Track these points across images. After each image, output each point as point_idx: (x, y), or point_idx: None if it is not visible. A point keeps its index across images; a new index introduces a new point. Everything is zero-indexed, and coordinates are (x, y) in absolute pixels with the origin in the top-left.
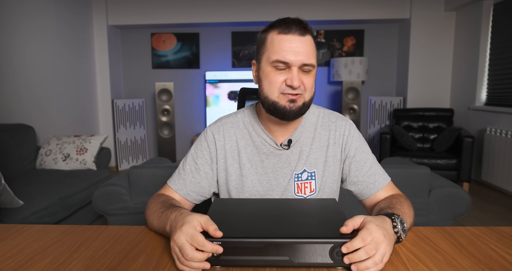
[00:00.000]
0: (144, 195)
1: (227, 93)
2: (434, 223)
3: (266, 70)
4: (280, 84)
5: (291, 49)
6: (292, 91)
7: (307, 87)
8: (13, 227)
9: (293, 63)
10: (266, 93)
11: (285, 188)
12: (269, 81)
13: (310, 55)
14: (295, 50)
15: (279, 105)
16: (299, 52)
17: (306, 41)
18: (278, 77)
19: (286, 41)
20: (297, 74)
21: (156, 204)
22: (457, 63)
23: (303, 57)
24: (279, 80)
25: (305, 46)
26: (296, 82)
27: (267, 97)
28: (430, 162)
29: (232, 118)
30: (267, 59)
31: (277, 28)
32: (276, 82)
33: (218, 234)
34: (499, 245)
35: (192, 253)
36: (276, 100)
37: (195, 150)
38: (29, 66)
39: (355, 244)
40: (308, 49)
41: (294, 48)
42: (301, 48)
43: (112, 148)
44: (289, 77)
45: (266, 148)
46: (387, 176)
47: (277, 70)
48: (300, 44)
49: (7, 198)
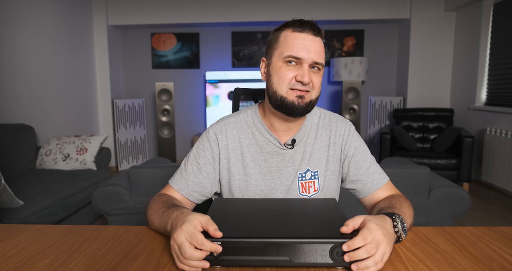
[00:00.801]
0: (144, 195)
1: (227, 93)
2: (434, 223)
3: (277, 65)
4: (290, 80)
5: (304, 47)
6: (301, 87)
7: (315, 85)
8: (13, 227)
9: (305, 59)
10: (275, 88)
11: (289, 187)
12: (279, 76)
13: (321, 55)
14: (307, 48)
15: (288, 100)
16: (311, 51)
17: (318, 42)
18: (288, 72)
19: (300, 38)
20: (307, 71)
21: (158, 204)
22: (457, 63)
23: (315, 55)
24: (290, 75)
25: (317, 46)
26: (306, 78)
27: (276, 92)
28: (430, 162)
29: (234, 118)
30: (279, 55)
31: (291, 26)
32: (286, 77)
33: (218, 234)
34: (499, 245)
35: (191, 252)
36: (285, 96)
37: (197, 150)
38: (29, 66)
39: (356, 243)
40: (319, 49)
41: (307, 46)
42: (314, 47)
43: (112, 148)
44: (299, 73)
45: (270, 147)
46: (386, 176)
47: (288, 65)
48: (313, 43)
49: (7, 198)
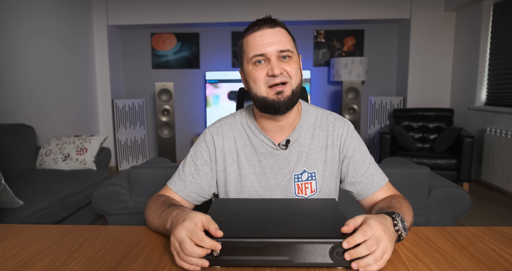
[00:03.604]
0: (144, 195)
1: (227, 93)
2: (434, 223)
3: (249, 69)
4: (263, 78)
5: (264, 42)
6: (276, 80)
7: (291, 74)
8: (13, 227)
9: (269, 53)
10: (255, 91)
11: (285, 189)
12: (253, 79)
13: (285, 42)
14: (268, 42)
15: (269, 99)
16: (272, 43)
17: (277, 32)
18: (260, 72)
19: (258, 36)
20: (276, 63)
21: (157, 204)
22: (457, 63)
23: (278, 45)
24: (262, 74)
25: (277, 35)
26: (276, 70)
27: (257, 95)
28: (430, 162)
29: (230, 120)
30: (247, 60)
31: (248, 30)
32: (259, 77)
33: (219, 234)
34: (499, 245)
35: (191, 248)
36: (265, 95)
37: (194, 151)
38: (29, 66)
39: (356, 239)
40: (281, 37)
41: (267, 39)
42: (274, 38)
43: (112, 148)
44: (270, 68)
45: (264, 148)
46: (385, 177)
47: (257, 66)
48: (272, 35)
49: (7, 198)
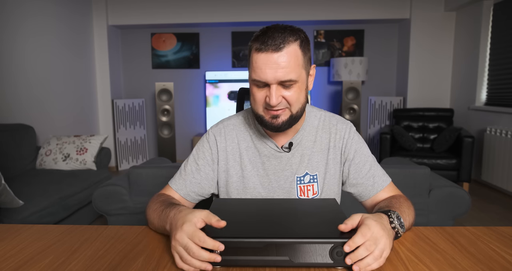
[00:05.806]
0: (144, 195)
1: (227, 93)
2: (434, 223)
3: (250, 84)
4: (262, 101)
5: (267, 67)
6: (272, 108)
7: (290, 101)
8: (13, 227)
9: (270, 81)
10: (254, 107)
11: (287, 191)
12: (253, 98)
13: (290, 69)
14: (271, 68)
15: (265, 119)
16: (275, 71)
17: (283, 56)
18: (259, 94)
19: (261, 59)
20: (275, 93)
21: (156, 203)
22: (457, 63)
23: (281, 74)
24: (261, 97)
25: (281, 61)
26: (273, 101)
27: (255, 111)
28: (430, 162)
29: (234, 120)
30: (250, 77)
31: (255, 42)
32: (259, 99)
33: (222, 224)
34: (499, 245)
35: (198, 251)
36: (262, 114)
37: (196, 151)
38: (29, 66)
39: (356, 240)
40: (287, 63)
41: (270, 65)
42: (277, 66)
43: (112, 148)
44: (268, 95)
45: (267, 150)
46: (387, 177)
47: (258, 87)
48: (276, 62)
49: (7, 198)
